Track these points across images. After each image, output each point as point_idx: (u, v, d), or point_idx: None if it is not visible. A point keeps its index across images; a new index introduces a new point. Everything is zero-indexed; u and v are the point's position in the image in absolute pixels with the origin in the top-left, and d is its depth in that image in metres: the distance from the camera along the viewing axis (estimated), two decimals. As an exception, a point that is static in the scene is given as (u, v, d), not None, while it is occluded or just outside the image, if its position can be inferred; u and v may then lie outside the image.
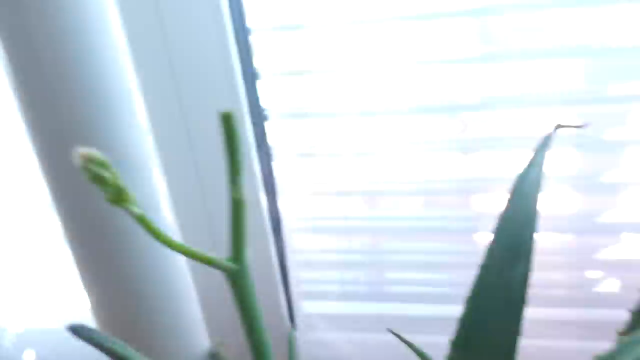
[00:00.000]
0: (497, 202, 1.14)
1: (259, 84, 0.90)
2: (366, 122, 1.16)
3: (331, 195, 0.98)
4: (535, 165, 0.46)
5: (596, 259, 0.91)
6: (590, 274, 0.94)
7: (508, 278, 0.43)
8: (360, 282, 1.04)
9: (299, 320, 0.99)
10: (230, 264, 0.29)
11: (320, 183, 0.97)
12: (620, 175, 0.84)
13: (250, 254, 0.98)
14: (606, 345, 0.44)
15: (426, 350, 0.97)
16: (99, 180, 0.25)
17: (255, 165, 0.93)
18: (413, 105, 0.89)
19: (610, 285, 0.92)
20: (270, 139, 0.94)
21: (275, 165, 0.96)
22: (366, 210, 1.08)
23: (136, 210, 0.26)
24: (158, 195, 0.68)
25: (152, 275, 0.69)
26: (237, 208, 0.29)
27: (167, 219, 0.71)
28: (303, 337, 0.99)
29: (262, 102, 0.91)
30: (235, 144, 0.28)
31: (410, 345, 0.40)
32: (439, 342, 0.97)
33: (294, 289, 1.00)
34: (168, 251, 0.70)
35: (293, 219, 0.98)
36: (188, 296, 0.76)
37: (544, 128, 1.04)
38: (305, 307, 0.99)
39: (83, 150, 0.25)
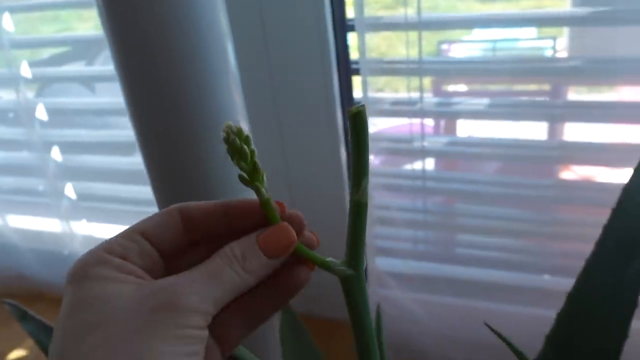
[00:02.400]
0: (584, 173, 1.10)
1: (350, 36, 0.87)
2: (450, 81, 1.13)
3: (409, 154, 0.97)
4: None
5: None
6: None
7: (619, 277, 0.41)
8: (432, 242, 1.03)
9: (371, 276, 0.99)
10: (345, 269, 0.27)
11: (399, 142, 0.96)
12: None
13: (326, 204, 0.98)
14: None
15: (496, 320, 0.97)
16: (238, 153, 0.25)
17: (338, 121, 0.92)
18: (503, 66, 0.85)
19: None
20: (356, 93, 0.92)
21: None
22: (444, 172, 1.06)
23: (265, 193, 0.26)
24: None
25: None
26: (358, 211, 0.27)
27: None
28: (374, 293, 1.00)
29: (352, 55, 0.89)
30: (364, 142, 0.26)
31: (507, 342, 0.39)
32: (509, 310, 0.97)
33: (368, 243, 1.00)
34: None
35: (371, 175, 0.97)
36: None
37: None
38: (378, 263, 1.00)
39: (228, 122, 0.24)
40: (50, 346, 0.24)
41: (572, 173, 1.05)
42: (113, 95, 1.12)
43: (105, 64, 1.21)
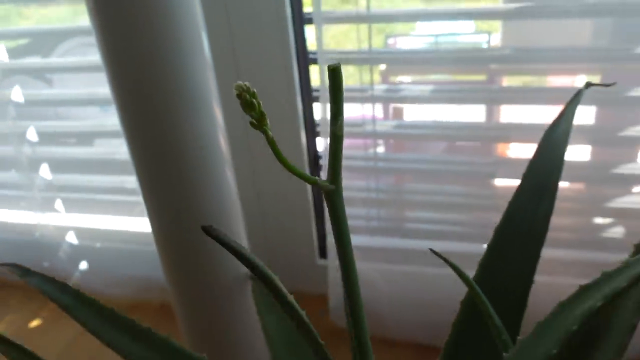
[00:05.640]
0: (515, 150, 1.22)
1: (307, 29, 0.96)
2: (397, 72, 1.23)
3: (362, 137, 1.06)
4: (565, 118, 0.53)
5: (605, 207, 0.99)
6: (598, 220, 1.02)
7: (533, 213, 0.51)
8: (384, 219, 1.13)
9: (330, 250, 1.09)
10: (328, 185, 0.37)
11: (353, 126, 1.05)
12: (638, 131, 0.90)
13: (289, 186, 1.07)
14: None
15: (442, 282, 1.07)
16: (249, 105, 0.33)
17: (299, 106, 1.01)
18: (444, 55, 0.95)
19: (616, 231, 1.01)
20: (313, 82, 1.01)
21: (315, 106, 1.04)
22: (393, 153, 1.17)
23: (270, 133, 0.33)
24: (218, 128, 0.77)
25: (207, 206, 0.78)
26: (336, 141, 0.35)
27: (224, 148, 0.79)
28: (333, 264, 1.09)
29: (309, 46, 0.98)
30: (339, 92, 0.34)
31: (447, 261, 0.49)
32: (455, 274, 1.08)
33: (326, 224, 1.10)
34: (221, 184, 0.79)
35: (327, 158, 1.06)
36: (237, 224, 0.85)
37: (568, 83, 1.11)
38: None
39: (239, 83, 0.32)
40: None
41: (509, 150, 1.17)
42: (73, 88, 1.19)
43: (64, 57, 1.28)
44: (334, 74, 0.34)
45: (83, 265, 1.27)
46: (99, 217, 1.27)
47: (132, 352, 0.52)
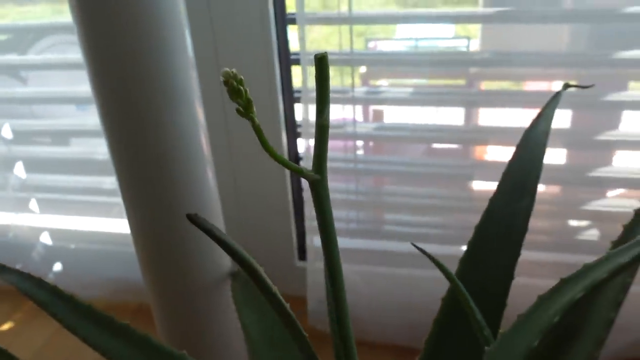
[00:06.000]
0: (494, 153, 1.24)
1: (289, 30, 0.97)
2: (377, 75, 1.23)
3: (342, 139, 1.06)
4: (545, 117, 0.54)
5: (580, 210, 1.00)
6: (574, 223, 1.04)
7: (514, 209, 0.52)
8: (363, 221, 1.13)
9: (310, 252, 1.08)
10: (313, 174, 0.37)
11: (334, 127, 1.05)
12: (613, 135, 0.92)
13: (269, 187, 1.06)
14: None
15: (422, 284, 1.08)
16: (236, 92, 0.32)
17: (280, 107, 1.01)
18: (424, 58, 0.96)
19: (591, 234, 1.02)
20: (295, 83, 1.01)
21: (297, 107, 1.04)
22: (373, 155, 1.17)
23: (257, 121, 0.33)
24: (200, 127, 0.76)
25: (188, 205, 0.78)
26: (322, 132, 0.36)
27: (205, 147, 0.78)
28: (312, 266, 1.09)
29: (291, 47, 0.98)
30: (326, 82, 0.34)
31: (429, 256, 0.49)
32: (435, 276, 1.08)
33: (307, 225, 1.09)
34: (201, 183, 0.78)
35: (307, 160, 1.06)
36: (217, 224, 0.85)
37: (545, 87, 1.12)
38: (316, 241, 1.09)
39: (226, 70, 0.32)
40: None
41: (487, 153, 1.18)
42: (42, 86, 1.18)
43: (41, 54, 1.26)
44: (321, 63, 0.34)
45: (57, 266, 1.25)
46: (75, 218, 1.25)
47: (110, 348, 0.51)
